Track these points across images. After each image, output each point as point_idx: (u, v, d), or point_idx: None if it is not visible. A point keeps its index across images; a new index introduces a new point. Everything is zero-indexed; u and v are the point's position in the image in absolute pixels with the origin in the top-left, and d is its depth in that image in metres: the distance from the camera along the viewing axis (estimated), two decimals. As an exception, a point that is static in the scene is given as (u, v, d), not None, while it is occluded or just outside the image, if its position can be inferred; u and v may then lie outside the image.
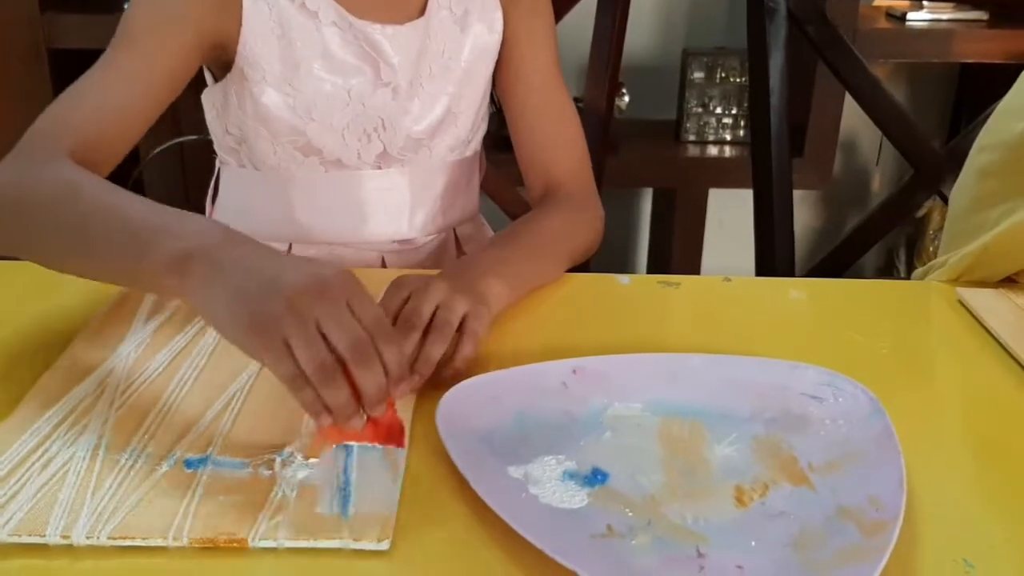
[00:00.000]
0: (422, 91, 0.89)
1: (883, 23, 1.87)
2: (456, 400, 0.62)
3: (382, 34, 0.85)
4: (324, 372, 0.51)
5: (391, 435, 0.58)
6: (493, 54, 0.92)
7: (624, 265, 2.23)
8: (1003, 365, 0.72)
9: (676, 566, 0.50)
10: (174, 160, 1.95)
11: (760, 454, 0.60)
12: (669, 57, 1.99)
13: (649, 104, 2.01)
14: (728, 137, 1.92)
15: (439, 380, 0.65)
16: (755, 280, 0.87)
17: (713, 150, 1.91)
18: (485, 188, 1.09)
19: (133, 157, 1.82)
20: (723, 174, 1.89)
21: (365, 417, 0.54)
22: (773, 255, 1.24)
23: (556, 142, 0.92)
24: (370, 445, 0.59)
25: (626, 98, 1.92)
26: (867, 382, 0.67)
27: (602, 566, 0.49)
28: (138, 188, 1.92)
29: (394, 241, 0.93)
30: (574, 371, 0.67)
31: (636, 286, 0.85)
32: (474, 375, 0.65)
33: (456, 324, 0.66)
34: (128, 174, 1.83)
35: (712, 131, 1.91)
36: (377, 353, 0.52)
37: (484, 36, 0.91)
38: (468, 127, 0.93)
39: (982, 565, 0.52)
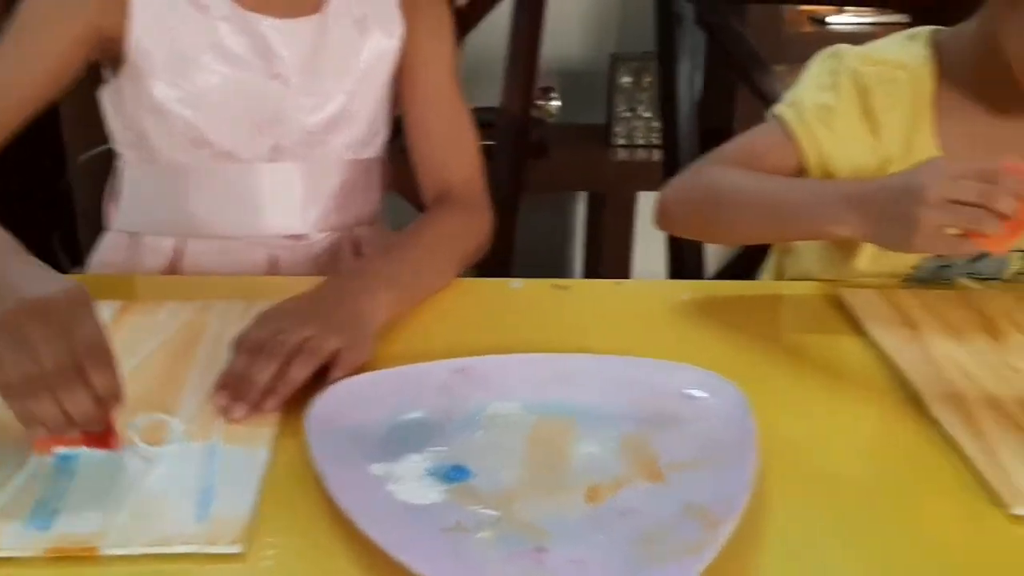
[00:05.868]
0: (315, 87, 0.91)
1: (807, 27, 1.91)
2: (332, 400, 0.64)
3: (270, 27, 0.88)
4: (29, 386, 0.53)
5: (102, 439, 0.59)
6: (392, 59, 0.93)
7: (560, 270, 2.24)
8: (875, 364, 0.74)
9: (515, 560, 0.52)
10: (104, 166, 1.93)
11: (623, 452, 0.62)
12: (598, 62, 2.01)
13: (580, 108, 2.02)
14: (657, 141, 1.94)
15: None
16: (646, 283, 0.89)
17: (642, 154, 1.93)
18: (406, 193, 1.10)
19: (60, 164, 1.80)
20: (652, 178, 1.90)
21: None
22: (682, 257, 1.26)
23: (450, 148, 0.94)
24: (230, 447, 0.60)
25: (556, 102, 1.93)
26: (744, 382, 0.68)
27: (438, 560, 0.51)
28: (66, 195, 1.90)
29: (287, 236, 0.94)
30: (456, 371, 0.68)
31: (528, 290, 0.86)
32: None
33: (326, 354, 0.66)
34: (56, 181, 1.81)
35: (641, 135, 1.94)
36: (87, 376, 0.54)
37: (383, 41, 0.92)
38: (365, 128, 0.95)
39: (817, 564, 0.54)
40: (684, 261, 1.28)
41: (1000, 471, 0.61)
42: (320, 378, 0.66)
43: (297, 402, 0.65)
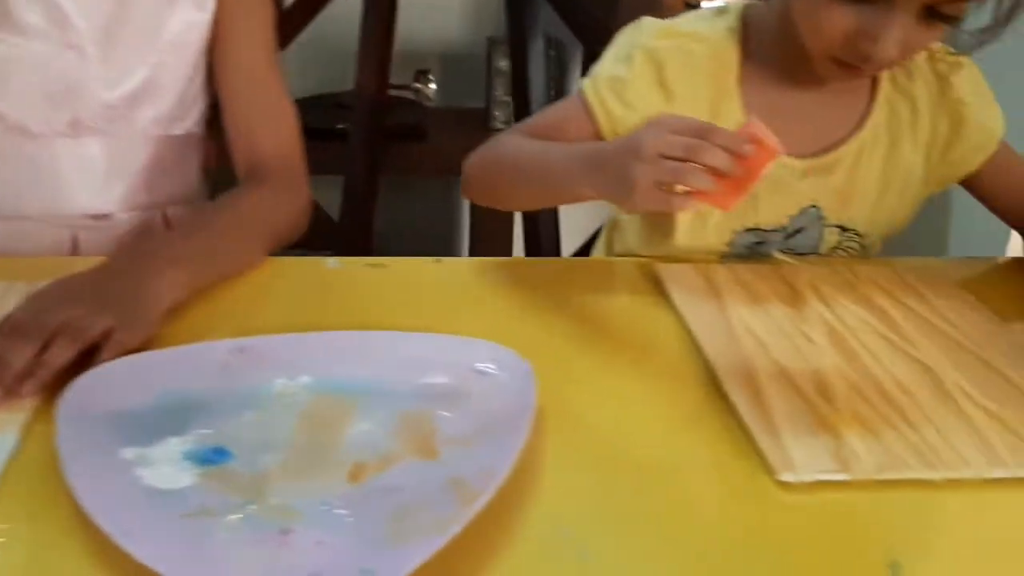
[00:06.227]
0: (116, 58, 0.87)
1: (682, 10, 1.91)
2: (92, 382, 0.60)
3: None
4: None
5: None
6: (202, 32, 0.90)
7: (445, 253, 2.23)
8: (681, 337, 0.74)
9: (257, 544, 0.50)
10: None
11: (400, 429, 0.60)
12: (476, 45, 1.99)
13: (460, 92, 2.01)
14: (536, 124, 1.93)
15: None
16: (466, 261, 0.87)
17: (521, 138, 1.92)
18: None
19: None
20: (530, 161, 1.90)
21: None
22: (538, 237, 1.25)
23: (263, 122, 0.92)
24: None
25: (432, 86, 1.92)
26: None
27: (170, 546, 0.48)
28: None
29: (90, 216, 0.91)
30: (237, 351, 0.66)
31: (343, 269, 0.84)
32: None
33: (93, 335, 0.63)
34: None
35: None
36: None
37: (192, 13, 0.89)
38: (174, 103, 0.92)
39: (578, 533, 0.54)
40: (540, 240, 1.28)
41: (774, 439, 0.61)
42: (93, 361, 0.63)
43: (62, 386, 0.61)
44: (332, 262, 0.84)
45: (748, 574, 0.52)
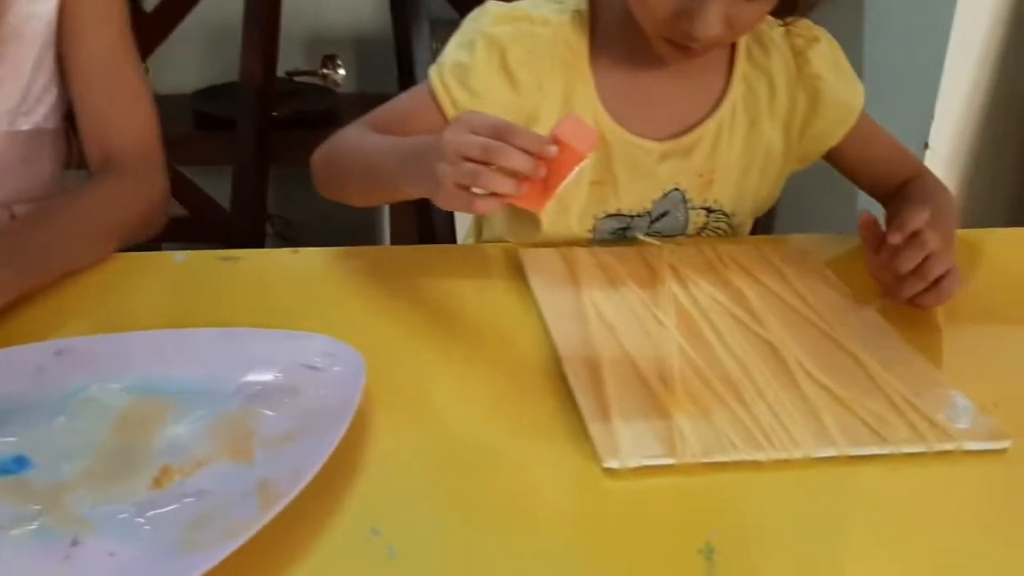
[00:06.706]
0: None
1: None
2: None
3: None
4: None
5: None
6: (46, 22, 0.86)
7: (367, 241, 2.21)
8: (536, 322, 0.73)
9: (41, 557, 0.48)
10: None
11: (216, 431, 0.58)
12: (389, 29, 1.96)
13: (373, 77, 1.98)
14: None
15: None
16: (321, 251, 0.84)
17: (434, 122, 1.89)
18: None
19: None
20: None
21: None
22: (432, 222, 1.23)
23: (115, 111, 0.88)
24: None
25: (341, 71, 1.88)
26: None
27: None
28: None
29: None
30: (56, 354, 0.63)
31: (193, 262, 0.81)
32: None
33: None
34: None
35: (433, 103, 1.90)
36: None
37: (34, 4, 0.85)
38: (17, 96, 0.87)
39: (390, 531, 0.52)
40: (435, 227, 1.26)
41: (606, 425, 0.60)
42: None
43: None
44: (179, 256, 0.82)
45: (566, 565, 0.52)
